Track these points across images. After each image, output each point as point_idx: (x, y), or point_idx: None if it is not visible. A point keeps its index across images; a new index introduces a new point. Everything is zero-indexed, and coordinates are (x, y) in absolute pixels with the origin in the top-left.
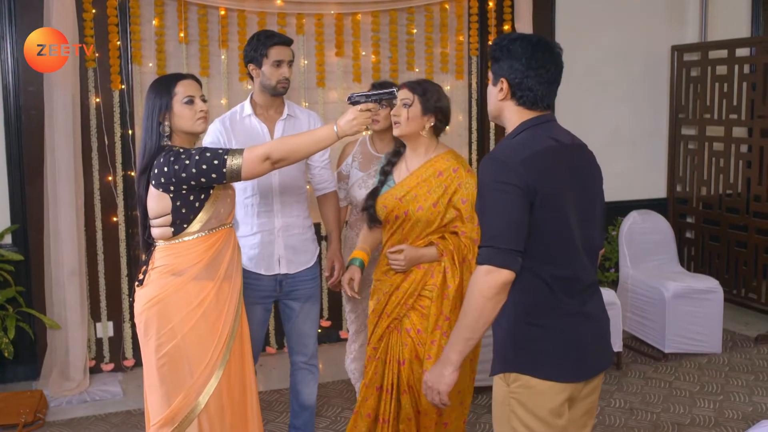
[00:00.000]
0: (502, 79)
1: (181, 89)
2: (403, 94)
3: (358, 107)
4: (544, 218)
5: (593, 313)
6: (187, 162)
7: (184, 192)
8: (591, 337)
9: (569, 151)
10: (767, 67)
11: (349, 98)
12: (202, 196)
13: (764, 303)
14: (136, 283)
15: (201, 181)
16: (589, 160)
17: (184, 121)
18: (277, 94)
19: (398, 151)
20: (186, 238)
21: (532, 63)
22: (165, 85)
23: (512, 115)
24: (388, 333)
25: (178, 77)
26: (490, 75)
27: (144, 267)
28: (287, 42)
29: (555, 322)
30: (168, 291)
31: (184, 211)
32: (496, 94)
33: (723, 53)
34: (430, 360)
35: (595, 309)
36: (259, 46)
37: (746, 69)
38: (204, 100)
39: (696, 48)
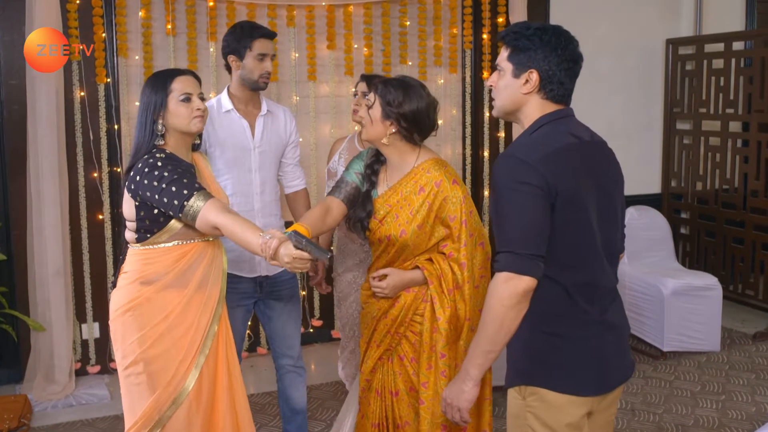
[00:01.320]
0: (532, 71)
1: (178, 86)
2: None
3: (292, 252)
4: (565, 220)
5: (614, 321)
6: (155, 183)
7: (148, 205)
8: (612, 347)
9: (589, 148)
10: (765, 60)
11: (290, 236)
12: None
13: (762, 300)
14: (110, 284)
15: (159, 209)
16: (609, 158)
17: (179, 120)
18: (258, 88)
19: (379, 157)
20: (154, 246)
21: (567, 54)
22: (161, 80)
23: (533, 110)
24: (381, 364)
25: (176, 72)
26: (506, 66)
27: (120, 267)
28: (272, 35)
29: (574, 331)
30: (135, 301)
31: (147, 222)
32: (520, 86)
33: (719, 47)
34: (426, 389)
35: (615, 317)
36: (243, 37)
37: (743, 63)
38: (202, 98)
39: (691, 41)
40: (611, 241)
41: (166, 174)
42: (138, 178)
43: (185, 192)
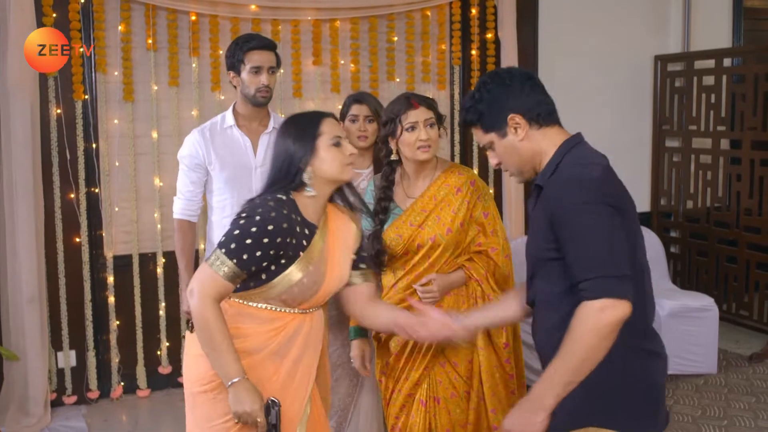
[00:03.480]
0: (512, 116)
1: (327, 129)
2: (425, 114)
3: (254, 415)
4: (627, 234)
5: (662, 350)
6: (235, 232)
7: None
8: (664, 377)
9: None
10: (758, 77)
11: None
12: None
13: (757, 320)
14: (189, 326)
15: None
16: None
17: (331, 166)
18: (257, 104)
19: (389, 178)
20: (247, 303)
21: (517, 80)
22: (308, 124)
23: (541, 143)
24: (426, 374)
25: (322, 115)
26: (489, 137)
27: None
28: (268, 46)
29: (635, 361)
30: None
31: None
32: (516, 139)
33: (709, 63)
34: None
35: (661, 345)
36: (237, 50)
37: (734, 79)
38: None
39: (681, 58)
40: (647, 263)
41: (260, 229)
42: (246, 208)
43: (244, 257)
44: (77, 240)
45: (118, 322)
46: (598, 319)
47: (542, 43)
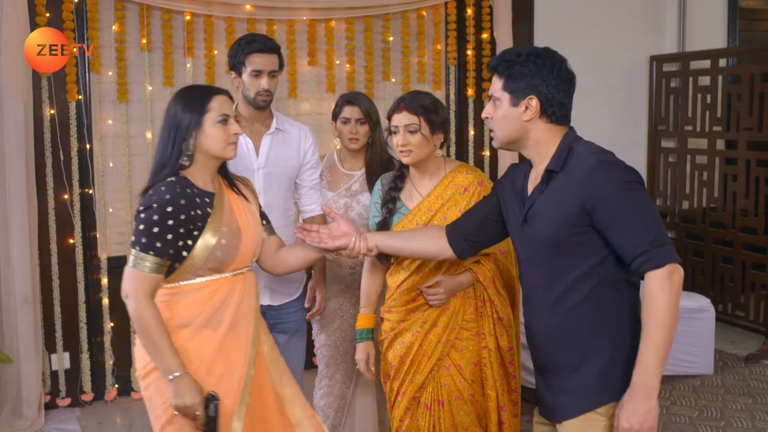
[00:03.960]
0: (531, 97)
1: (217, 105)
2: (407, 119)
3: (192, 410)
4: None
5: None
6: (137, 218)
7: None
8: None
9: None
10: (754, 77)
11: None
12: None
13: (753, 321)
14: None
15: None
16: None
17: (214, 143)
18: (258, 107)
19: (402, 174)
20: (177, 284)
21: (562, 75)
22: (198, 97)
23: (543, 135)
24: (432, 377)
25: (214, 90)
26: (502, 95)
27: None
28: (270, 49)
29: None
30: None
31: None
32: (520, 114)
33: (704, 63)
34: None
35: None
36: (239, 52)
37: (730, 80)
38: (237, 120)
39: (676, 58)
40: None
41: (155, 217)
42: (143, 203)
43: (157, 244)
44: (71, 241)
45: (112, 324)
46: (672, 284)
47: (538, 43)
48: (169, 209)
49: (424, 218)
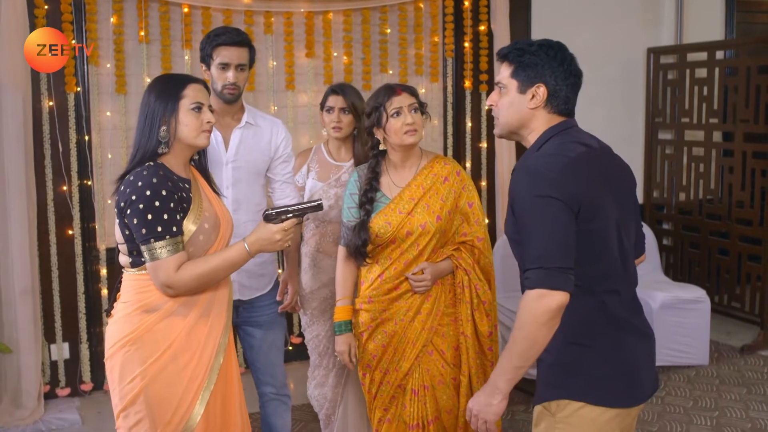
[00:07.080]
0: (539, 85)
1: (191, 93)
2: (409, 99)
3: (277, 227)
4: (589, 230)
5: (644, 328)
6: (128, 211)
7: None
8: (644, 355)
9: (600, 156)
10: (750, 70)
11: (266, 215)
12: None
13: (748, 312)
14: (105, 311)
15: (129, 230)
16: (619, 164)
17: (187, 130)
18: (225, 101)
19: (375, 169)
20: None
21: (571, 69)
22: (173, 85)
23: (539, 124)
24: (417, 363)
25: (189, 79)
26: (509, 82)
27: (116, 296)
28: (239, 42)
29: (607, 341)
30: (137, 332)
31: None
32: (526, 102)
33: (701, 56)
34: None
35: (644, 324)
36: (207, 45)
37: (727, 72)
38: (211, 110)
39: (673, 50)
40: (629, 248)
41: (141, 207)
42: (127, 190)
43: (158, 229)
44: (70, 232)
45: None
46: (536, 308)
47: (535, 35)
48: (162, 191)
49: (407, 207)
